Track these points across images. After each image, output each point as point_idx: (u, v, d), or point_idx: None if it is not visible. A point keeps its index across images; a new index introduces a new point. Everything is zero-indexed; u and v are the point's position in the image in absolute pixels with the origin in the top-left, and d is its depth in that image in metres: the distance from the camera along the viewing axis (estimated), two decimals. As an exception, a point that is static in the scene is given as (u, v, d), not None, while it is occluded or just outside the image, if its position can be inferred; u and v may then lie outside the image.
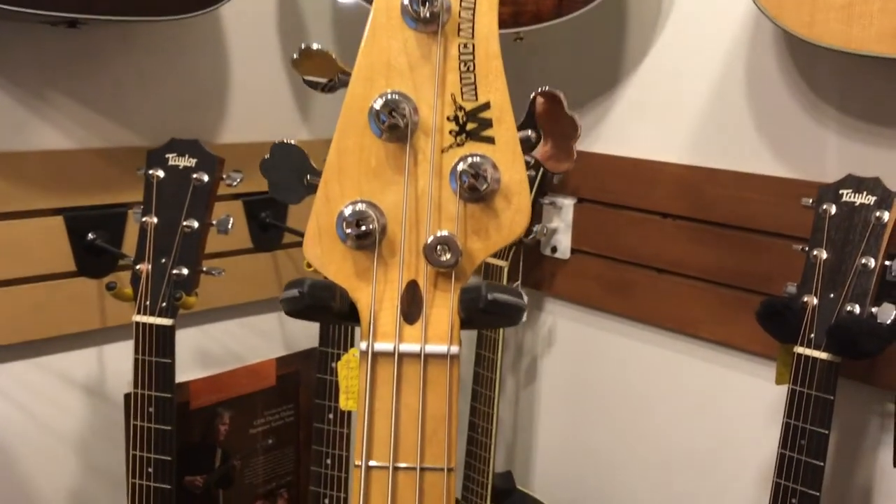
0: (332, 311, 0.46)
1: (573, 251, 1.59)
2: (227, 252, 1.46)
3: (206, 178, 1.08)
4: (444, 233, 0.48)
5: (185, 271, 1.07)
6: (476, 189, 0.48)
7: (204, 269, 1.10)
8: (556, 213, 1.59)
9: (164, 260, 1.08)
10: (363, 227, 0.48)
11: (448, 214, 0.49)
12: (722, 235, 1.37)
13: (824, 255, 1.08)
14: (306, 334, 1.63)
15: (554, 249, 1.61)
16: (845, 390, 1.09)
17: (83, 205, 1.29)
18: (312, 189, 0.51)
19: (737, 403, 1.38)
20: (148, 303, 1.08)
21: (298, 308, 0.45)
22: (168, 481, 1.09)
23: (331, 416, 1.29)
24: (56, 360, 1.32)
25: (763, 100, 1.31)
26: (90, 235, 1.30)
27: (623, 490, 1.55)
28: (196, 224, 1.08)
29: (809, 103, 1.26)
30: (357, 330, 0.50)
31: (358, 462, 0.48)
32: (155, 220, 1.08)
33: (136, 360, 1.08)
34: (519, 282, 1.57)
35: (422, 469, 0.48)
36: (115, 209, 1.32)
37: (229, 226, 1.09)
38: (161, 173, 1.09)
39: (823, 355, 1.06)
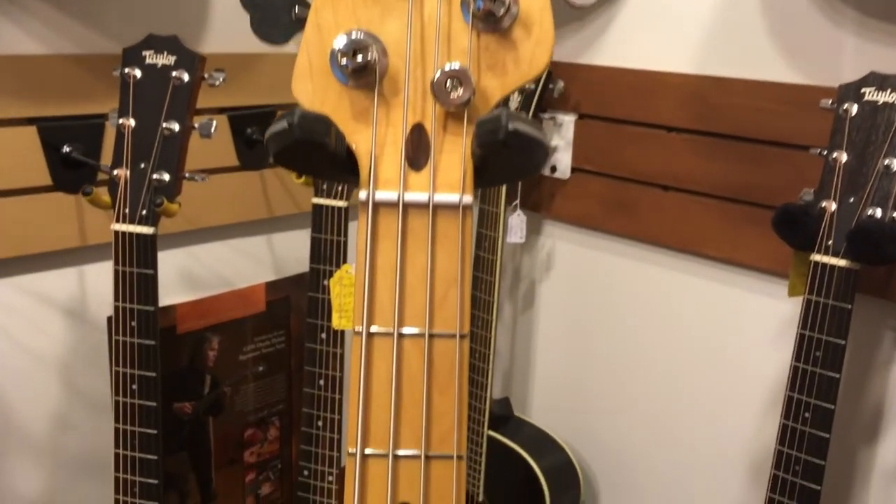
0: (326, 150, 0.40)
1: (573, 170, 1.53)
2: (212, 169, 1.39)
3: (186, 76, 1.01)
4: (456, 65, 0.42)
5: (165, 177, 1.01)
6: (493, 15, 0.42)
7: (186, 175, 1.03)
8: (556, 131, 1.53)
9: (143, 165, 1.01)
10: (361, 58, 0.42)
11: (459, 46, 0.43)
12: (731, 148, 1.31)
13: (844, 158, 1.02)
14: (297, 259, 1.57)
15: (553, 169, 1.54)
16: (859, 305, 1.04)
17: (58, 115, 1.21)
18: (301, 25, 0.44)
19: (744, 323, 1.34)
20: (127, 210, 1.01)
21: (287, 144, 0.39)
22: (153, 398, 1.03)
23: (323, 335, 1.24)
24: (34, 279, 1.26)
25: (776, 1, 1.24)
26: (66, 148, 1.23)
27: (624, 415, 1.52)
28: (177, 126, 1.01)
29: (826, 3, 1.19)
30: (351, 244, 0.44)
31: (358, 328, 0.42)
32: (132, 122, 1.01)
33: (117, 272, 1.02)
34: (518, 201, 1.51)
35: (431, 336, 0.42)
36: (92, 120, 1.24)
37: (212, 129, 1.02)
38: (138, 72, 1.02)
39: (842, 262, 1.01)
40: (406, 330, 0.42)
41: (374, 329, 0.42)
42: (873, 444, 1.21)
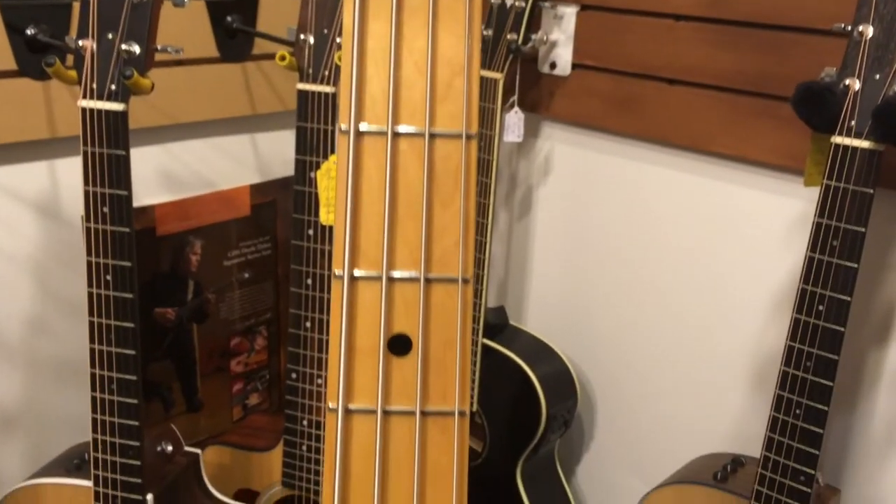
0: None
1: (574, 66, 1.44)
2: (190, 61, 1.31)
3: (156, -63, 0.92)
4: None
5: (135, 48, 0.92)
6: None
7: (158, 47, 0.95)
8: (557, 24, 1.44)
9: (110, 35, 0.93)
10: None
11: None
12: (743, 35, 1.23)
13: (870, 32, 0.95)
14: (283, 161, 1.49)
15: (553, 65, 1.46)
16: (877, 198, 0.98)
17: (20, -8, 1.12)
18: None
19: (754, 223, 1.28)
20: (94, 85, 0.93)
21: None
22: (129, 289, 0.97)
23: (310, 232, 1.17)
24: (0, 173, 1.18)
25: None
26: (31, 30, 1.14)
27: (624, 323, 1.47)
28: (147, -7, 0.92)
29: None
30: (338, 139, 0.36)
31: (344, 126, 0.35)
32: (98, -12, 0.92)
33: (86, 154, 0.94)
34: (515, 98, 1.43)
35: (432, 136, 0.35)
36: (58, -1, 1.15)
37: (186, -2, 0.93)
38: (103, -67, 0.92)
39: (865, 144, 0.94)
40: (402, 129, 0.35)
41: (364, 128, 0.36)
42: (884, 344, 1.16)
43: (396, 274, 0.36)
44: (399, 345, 0.36)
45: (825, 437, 1.01)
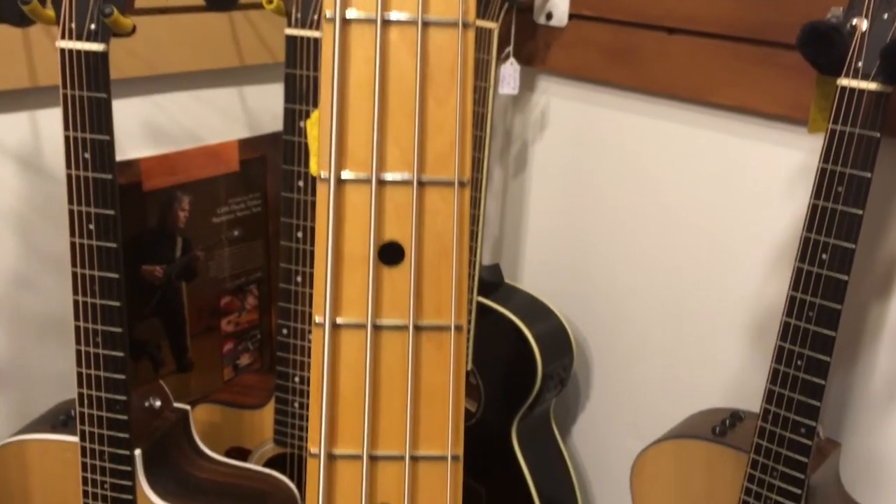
0: None
1: (571, 17, 1.40)
2: (174, 9, 1.26)
3: None
4: None
5: (116, -15, 0.88)
6: None
7: (140, -15, 0.91)
8: (553, -27, 1.40)
9: (89, -28, 0.89)
10: None
11: None
12: (746, -19, 1.19)
13: (879, -30, 0.91)
14: (272, 115, 1.45)
15: (549, 16, 1.42)
16: (882, 147, 0.95)
17: (-5, -67, 1.08)
18: None
19: (754, 176, 1.25)
20: (73, 25, 0.89)
21: None
22: (112, 239, 0.94)
23: (300, 183, 1.14)
24: (-20, 123, 1.15)
25: None
26: (7, -28, 1.09)
27: (621, 280, 1.45)
28: (127, -73, 0.88)
29: None
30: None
31: (329, 13, 0.32)
32: (75, -78, 0.88)
33: (65, 97, 0.91)
34: (511, 48, 1.39)
35: (424, 24, 0.32)
36: (35, -59, 1.11)
37: (168, -67, 0.89)
38: None
39: (872, 86, 0.92)
40: (392, 15, 0.32)
41: (351, 15, 0.32)
42: (886, 296, 1.14)
43: (387, 176, 0.33)
44: (390, 253, 0.34)
45: (825, 391, 1.00)
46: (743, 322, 1.30)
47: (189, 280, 1.41)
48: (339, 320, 0.34)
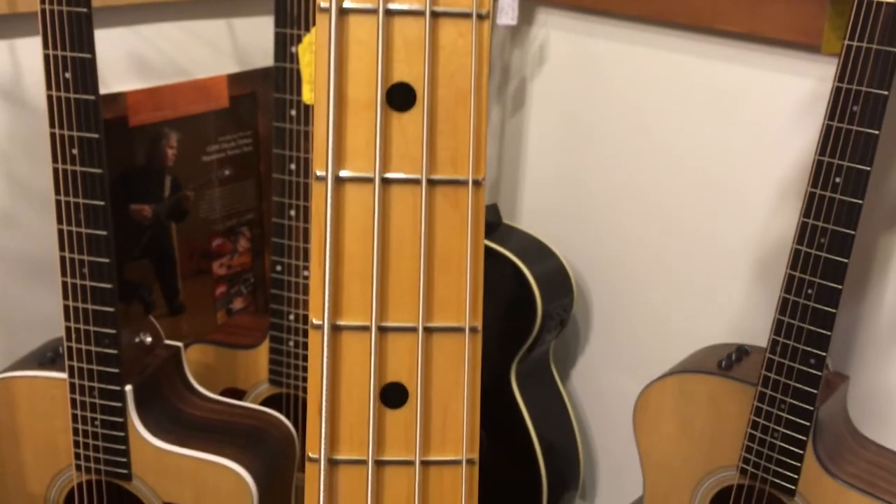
0: None
1: (572, -56, 1.35)
2: (159, -67, 1.21)
3: None
4: None
5: None
6: None
7: None
8: None
9: None
10: None
11: None
12: None
13: None
14: (262, 50, 1.40)
15: (549, -55, 1.37)
16: None
17: None
18: None
19: (761, 107, 1.21)
20: (50, -65, 0.84)
21: None
22: (97, 164, 0.90)
23: (293, 112, 1.10)
24: (-44, 52, 1.09)
25: None
26: None
27: (623, 219, 1.41)
28: None
29: None
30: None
31: None
32: None
33: (43, 12, 0.86)
34: (510, -24, 1.34)
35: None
36: None
37: None
38: None
39: (891, -2, 0.88)
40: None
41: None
42: (898, 227, 1.11)
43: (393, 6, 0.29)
44: (400, 96, 0.30)
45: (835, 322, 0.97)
46: (748, 259, 1.27)
47: (179, 220, 1.37)
48: (342, 173, 0.31)
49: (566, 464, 1.50)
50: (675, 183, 1.33)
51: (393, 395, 0.32)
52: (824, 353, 0.98)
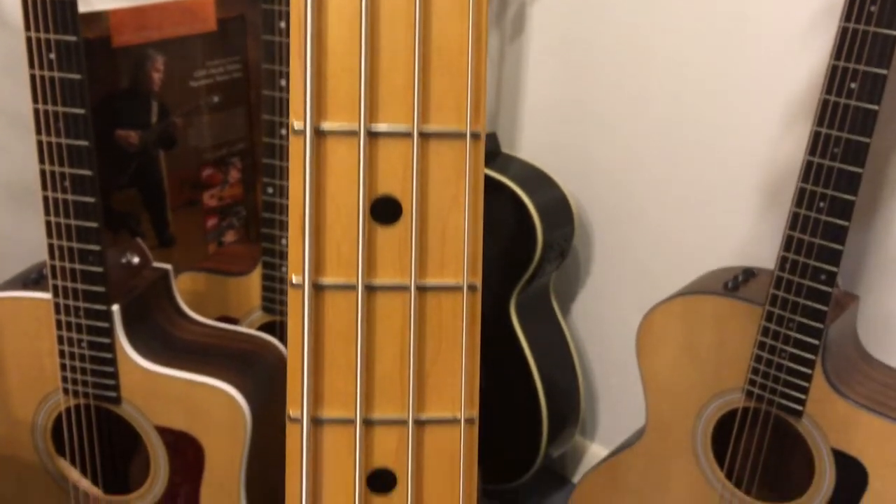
0: None
1: None
2: None
3: None
4: None
5: None
6: None
7: None
8: None
9: None
10: None
11: None
12: None
13: None
14: (250, -30, 1.35)
15: None
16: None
17: None
18: None
19: (769, 20, 1.16)
20: None
21: None
22: (76, 69, 0.85)
23: (282, 24, 1.05)
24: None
25: None
26: None
27: (625, 145, 1.37)
28: None
29: None
30: None
31: None
32: None
33: None
34: None
35: None
36: None
37: None
38: None
39: None
40: None
41: None
42: (911, 144, 1.07)
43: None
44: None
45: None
46: (754, 184, 1.23)
47: (167, 148, 1.33)
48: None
49: (567, 399, 1.48)
50: (680, 106, 1.28)
51: (385, 211, 0.29)
52: (836, 269, 0.95)
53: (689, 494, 1.12)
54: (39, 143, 0.89)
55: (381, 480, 0.31)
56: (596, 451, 1.55)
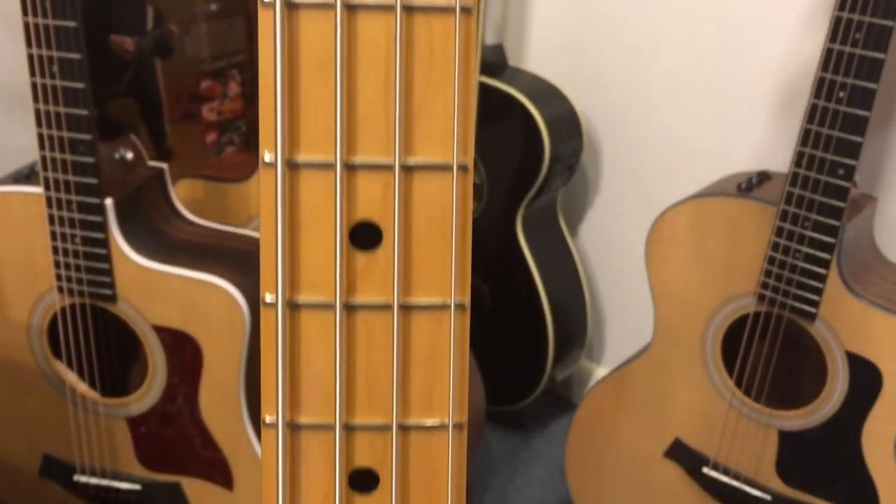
0: None
1: None
2: None
3: None
4: None
5: None
6: None
7: None
8: None
9: None
10: None
11: None
12: None
13: None
14: None
15: None
16: None
17: None
18: None
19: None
20: None
21: None
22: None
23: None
24: None
25: None
26: None
27: (634, 58, 1.32)
28: None
29: None
30: None
31: None
32: None
33: None
34: None
35: None
36: None
37: None
38: None
39: None
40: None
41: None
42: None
43: None
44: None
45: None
46: (770, 85, 1.19)
47: (164, 56, 1.29)
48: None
49: (573, 318, 1.45)
50: (692, 5, 1.24)
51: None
52: (854, 162, 0.91)
53: (697, 405, 1.10)
54: (26, 25, 0.85)
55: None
56: (601, 374, 1.53)
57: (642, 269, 1.11)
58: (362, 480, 0.28)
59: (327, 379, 0.27)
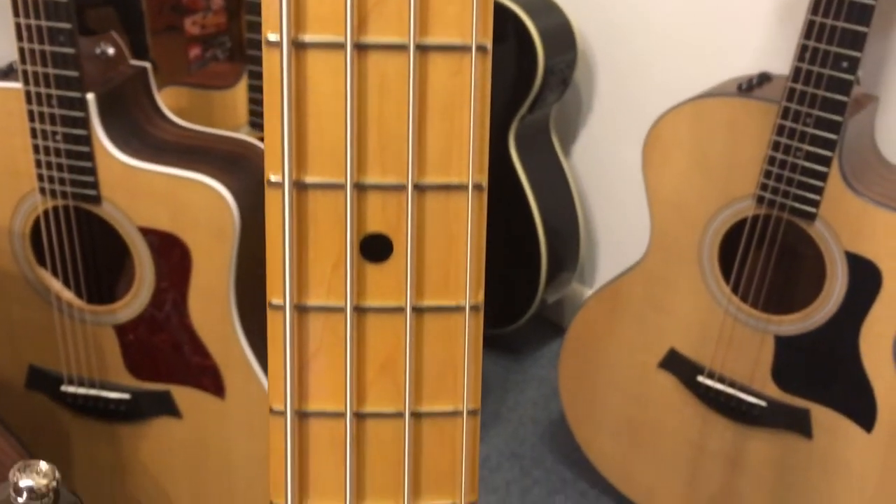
0: None
1: None
2: None
3: None
4: None
5: None
6: None
7: None
8: None
9: None
10: None
11: None
12: None
13: None
14: None
15: None
16: None
17: None
18: None
19: None
20: None
21: None
22: None
23: None
24: None
25: None
26: None
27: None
28: None
29: None
30: None
31: None
32: None
33: None
34: None
35: None
36: None
37: None
38: None
39: None
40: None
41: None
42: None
43: None
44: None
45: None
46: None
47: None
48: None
49: (566, 238, 1.44)
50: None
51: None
52: (859, 54, 0.89)
53: (692, 313, 1.09)
54: None
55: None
56: (595, 296, 1.52)
57: (636, 191, 1.09)
58: (375, 248, 0.26)
59: (337, 133, 0.25)
